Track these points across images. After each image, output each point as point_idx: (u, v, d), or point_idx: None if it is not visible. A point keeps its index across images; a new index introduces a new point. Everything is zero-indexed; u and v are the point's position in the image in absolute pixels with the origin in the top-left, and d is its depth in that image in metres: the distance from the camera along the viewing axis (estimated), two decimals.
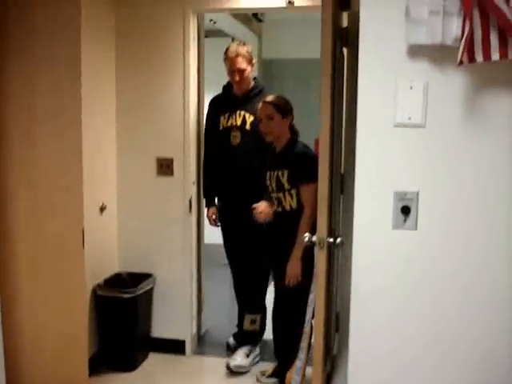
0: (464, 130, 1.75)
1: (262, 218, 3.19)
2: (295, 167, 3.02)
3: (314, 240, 2.02)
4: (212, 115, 3.68)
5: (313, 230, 2.09)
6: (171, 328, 3.72)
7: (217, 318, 4.27)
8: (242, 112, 3.50)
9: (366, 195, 1.84)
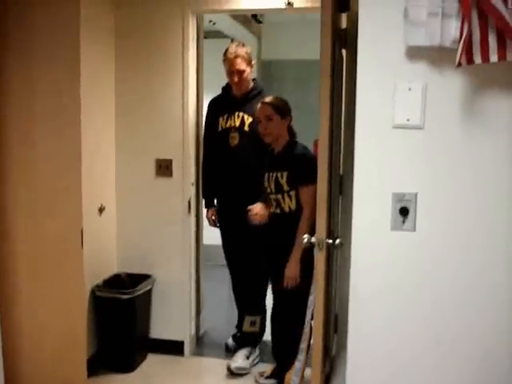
0: (462, 132, 1.76)
1: (256, 219, 3.18)
2: (295, 169, 3.01)
3: (313, 241, 2.03)
4: (211, 116, 3.67)
5: (312, 231, 2.09)
6: (170, 329, 3.71)
7: (215, 318, 4.27)
8: (240, 113, 3.50)
9: (364, 196, 1.85)
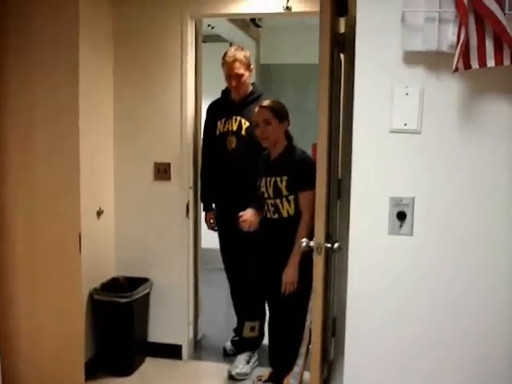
0: (460, 136, 1.76)
1: (246, 226, 3.15)
2: (295, 173, 2.98)
3: (312, 245, 2.03)
4: (210, 120, 3.67)
5: (311, 236, 2.08)
6: (168, 333, 3.71)
7: (214, 322, 4.26)
8: (238, 117, 3.49)
9: (362, 201, 1.85)
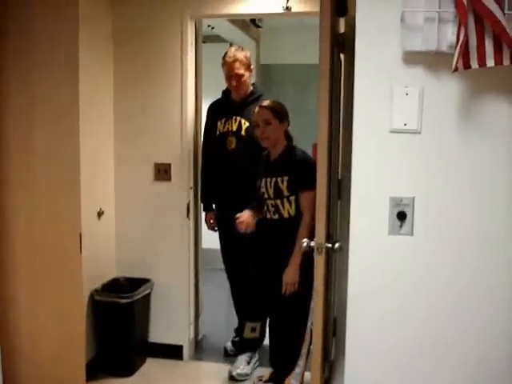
0: (459, 136, 1.76)
1: (242, 227, 3.14)
2: (296, 174, 2.97)
3: (313, 245, 2.02)
4: (210, 120, 3.67)
5: (311, 237, 2.07)
6: (169, 333, 3.71)
7: (214, 323, 4.26)
8: (238, 118, 3.49)
9: (362, 201, 1.85)
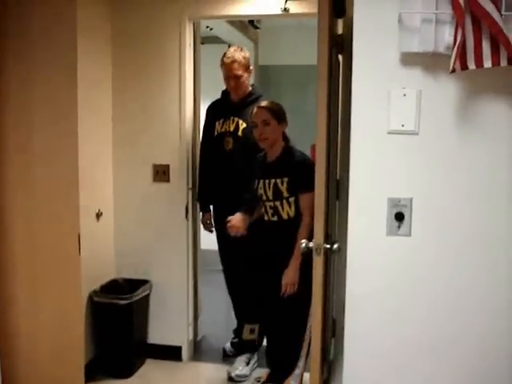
0: (457, 137, 1.76)
1: (233, 231, 3.12)
2: (296, 175, 2.96)
3: (311, 246, 2.03)
4: (209, 120, 3.67)
5: (311, 238, 2.07)
6: (168, 334, 3.71)
7: (213, 324, 4.26)
8: (235, 118, 3.48)
9: (360, 201, 1.85)
